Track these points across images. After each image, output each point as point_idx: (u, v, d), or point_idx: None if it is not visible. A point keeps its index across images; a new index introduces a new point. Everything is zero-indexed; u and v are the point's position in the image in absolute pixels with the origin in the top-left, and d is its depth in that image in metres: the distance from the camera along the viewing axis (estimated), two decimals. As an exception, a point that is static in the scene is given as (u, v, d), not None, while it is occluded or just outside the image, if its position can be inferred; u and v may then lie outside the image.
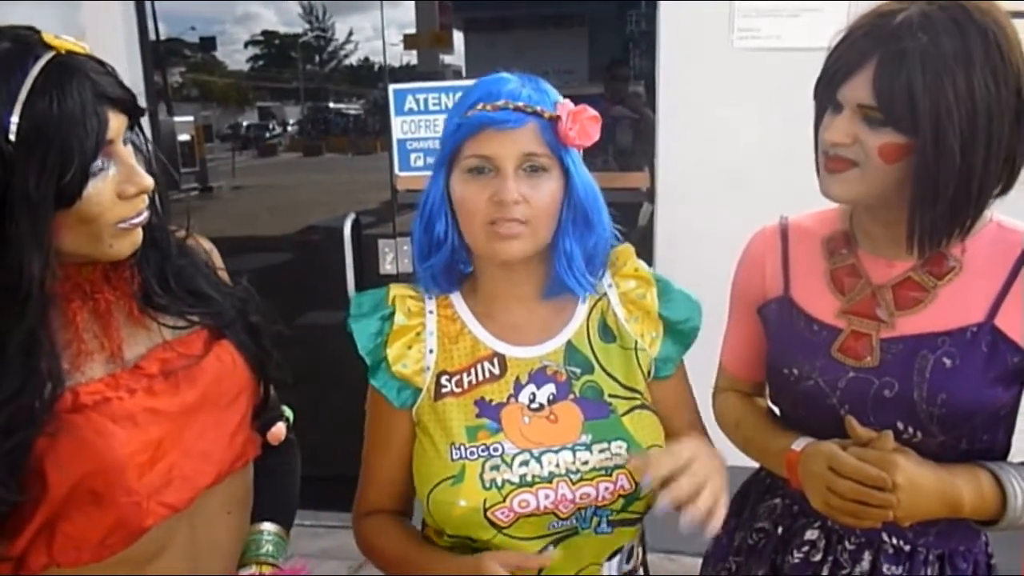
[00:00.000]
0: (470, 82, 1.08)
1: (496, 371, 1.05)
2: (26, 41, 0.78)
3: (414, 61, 3.05)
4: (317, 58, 3.43)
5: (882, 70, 0.91)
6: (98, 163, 0.80)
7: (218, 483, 0.94)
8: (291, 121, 3.64)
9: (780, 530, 1.14)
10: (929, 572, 1.04)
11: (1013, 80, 0.91)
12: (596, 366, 1.07)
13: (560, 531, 1.01)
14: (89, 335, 0.88)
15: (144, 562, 0.90)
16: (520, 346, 1.07)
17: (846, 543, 1.07)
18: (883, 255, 1.05)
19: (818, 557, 1.09)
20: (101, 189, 0.81)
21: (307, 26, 3.31)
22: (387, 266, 2.57)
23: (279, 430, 1.06)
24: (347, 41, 3.41)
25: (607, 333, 1.09)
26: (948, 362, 0.97)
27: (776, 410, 1.21)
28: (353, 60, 3.41)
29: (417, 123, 2.37)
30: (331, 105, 3.57)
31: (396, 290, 1.09)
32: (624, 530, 1.06)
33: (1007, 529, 0.96)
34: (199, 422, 0.92)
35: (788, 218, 1.18)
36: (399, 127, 2.37)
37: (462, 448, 1.01)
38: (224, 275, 1.05)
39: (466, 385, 1.04)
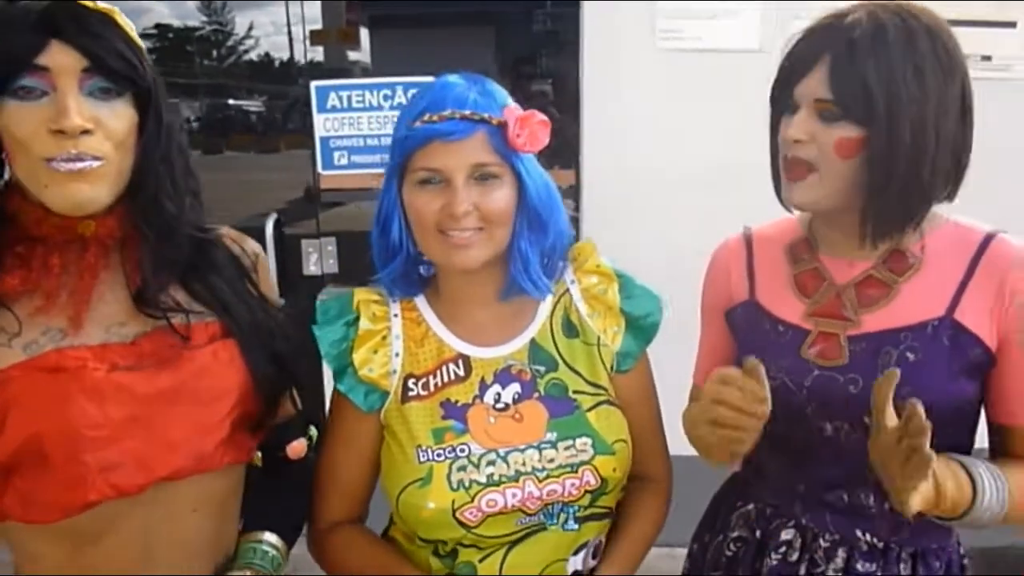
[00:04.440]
0: (397, 80, 1.06)
1: (461, 372, 1.05)
2: None
3: (319, 57, 2.98)
4: (215, 53, 3.30)
5: (835, 64, 0.94)
6: (26, 84, 0.83)
7: (180, 477, 0.92)
8: (190, 118, 3.49)
9: (758, 534, 1.14)
10: (902, 569, 1.05)
11: (959, 77, 0.95)
12: (560, 363, 1.08)
13: (528, 527, 1.02)
14: (65, 291, 0.90)
15: (93, 539, 0.91)
16: (485, 347, 1.07)
17: (820, 541, 1.08)
18: (843, 256, 1.06)
19: (795, 557, 1.09)
20: (27, 114, 0.84)
21: (205, 19, 3.19)
22: (311, 267, 2.48)
23: (300, 445, 1.08)
24: (247, 36, 3.30)
25: (570, 328, 1.10)
26: (911, 356, 0.99)
27: None
28: (254, 56, 3.30)
29: (341, 121, 2.31)
30: (231, 102, 3.45)
31: (361, 295, 1.08)
32: (591, 525, 1.07)
33: (970, 526, 0.96)
34: (171, 412, 0.91)
35: (752, 228, 1.20)
36: (321, 125, 2.31)
37: (428, 450, 1.00)
38: (264, 283, 1.08)
39: (432, 388, 1.04)
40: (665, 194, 2.19)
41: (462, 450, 1.00)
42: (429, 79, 1.04)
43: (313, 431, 1.14)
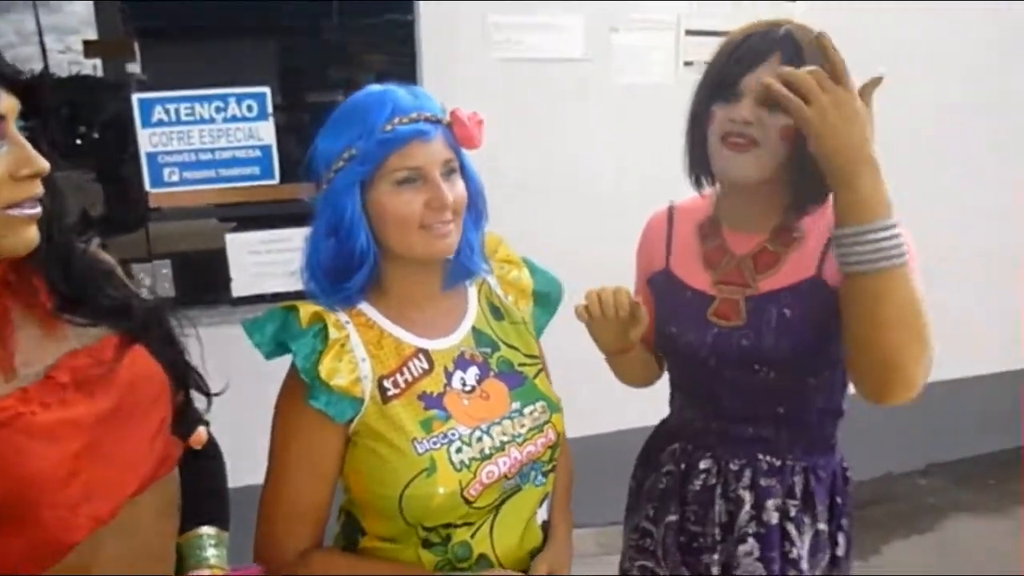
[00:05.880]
0: (231, 90, 1.10)
1: (425, 365, 1.10)
2: None
3: (85, 70, 2.74)
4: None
5: (785, 60, 1.10)
6: None
7: (143, 490, 0.93)
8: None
9: (683, 466, 1.34)
10: (796, 479, 1.27)
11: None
12: (500, 343, 1.18)
13: (508, 491, 1.12)
14: None
15: (80, 571, 0.88)
16: (437, 338, 1.13)
17: (731, 465, 1.30)
18: (743, 230, 1.26)
19: (712, 481, 1.30)
20: None
21: (-68, 28, 2.76)
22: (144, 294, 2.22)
23: (201, 434, 1.06)
24: (-13, 47, 2.91)
25: (496, 312, 1.21)
26: (788, 312, 1.19)
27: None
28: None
29: (169, 135, 2.14)
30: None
31: (309, 307, 1.06)
32: (551, 477, 1.19)
33: (856, 243, 1.01)
34: (117, 431, 0.91)
35: (675, 202, 1.39)
36: (147, 140, 2.13)
37: (425, 441, 1.05)
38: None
39: (403, 384, 1.08)
40: (502, 198, 2.34)
41: (453, 434, 1.07)
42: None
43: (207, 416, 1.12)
